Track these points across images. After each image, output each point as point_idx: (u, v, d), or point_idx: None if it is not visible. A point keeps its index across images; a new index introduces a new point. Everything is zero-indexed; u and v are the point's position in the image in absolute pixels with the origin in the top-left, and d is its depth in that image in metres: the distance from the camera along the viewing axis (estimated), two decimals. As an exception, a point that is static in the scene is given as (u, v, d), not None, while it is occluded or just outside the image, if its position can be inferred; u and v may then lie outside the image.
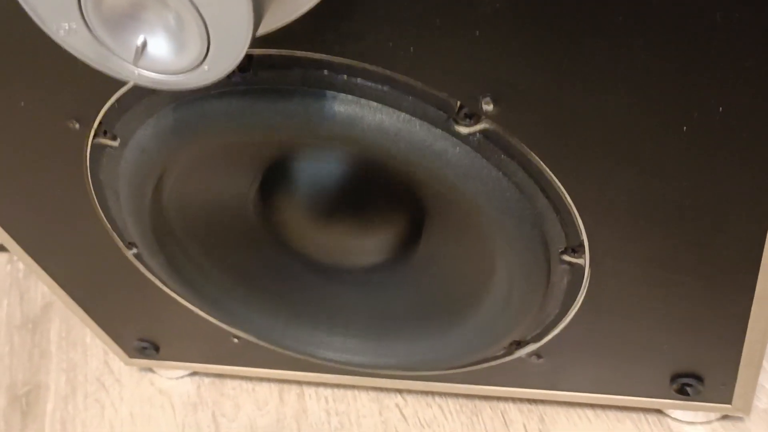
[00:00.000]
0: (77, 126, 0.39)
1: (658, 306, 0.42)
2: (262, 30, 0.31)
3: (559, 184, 0.36)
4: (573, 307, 0.43)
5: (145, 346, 0.57)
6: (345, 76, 0.33)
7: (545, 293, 0.42)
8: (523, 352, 0.48)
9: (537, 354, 0.48)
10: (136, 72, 0.29)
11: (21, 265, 0.76)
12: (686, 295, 0.41)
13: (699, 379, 0.47)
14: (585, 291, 0.42)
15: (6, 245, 0.49)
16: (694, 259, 0.39)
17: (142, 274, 0.49)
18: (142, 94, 0.37)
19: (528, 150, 0.35)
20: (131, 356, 0.59)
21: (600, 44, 0.29)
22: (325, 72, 0.33)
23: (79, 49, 0.29)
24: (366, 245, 0.45)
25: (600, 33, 0.29)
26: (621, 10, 0.28)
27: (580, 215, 0.37)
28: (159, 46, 0.28)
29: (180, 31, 0.28)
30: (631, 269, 0.40)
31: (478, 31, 0.30)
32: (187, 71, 0.29)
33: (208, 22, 0.27)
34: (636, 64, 0.30)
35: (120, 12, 0.27)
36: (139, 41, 0.28)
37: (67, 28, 0.28)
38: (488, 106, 0.33)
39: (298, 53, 0.33)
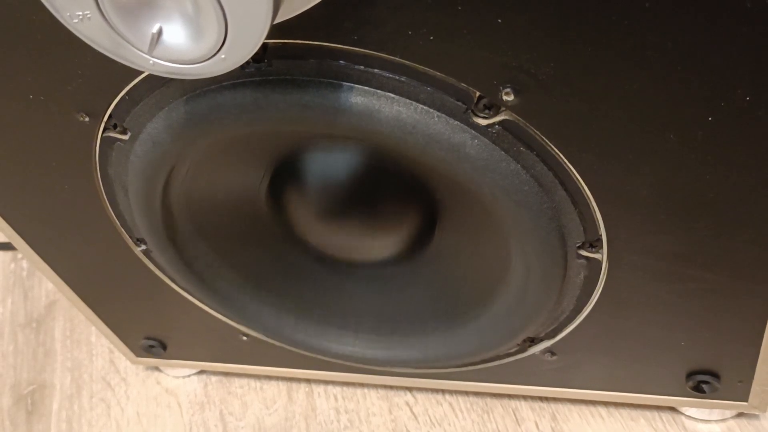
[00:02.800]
0: (87, 119, 0.39)
1: (675, 302, 0.41)
2: (278, 18, 0.31)
3: (578, 176, 0.35)
4: (589, 303, 0.43)
5: (153, 345, 0.56)
6: (362, 67, 0.32)
7: (561, 288, 0.41)
8: (536, 348, 0.48)
9: (551, 351, 0.48)
10: (150, 61, 0.29)
11: (25, 264, 0.75)
12: (705, 290, 0.40)
13: (715, 377, 0.47)
14: (602, 287, 0.41)
15: (12, 242, 0.48)
16: (714, 255, 0.38)
17: (151, 271, 0.49)
18: (153, 86, 0.36)
19: (547, 141, 0.34)
20: (138, 355, 0.59)
21: (624, 33, 0.29)
22: (342, 62, 0.32)
23: (93, 37, 0.28)
24: (379, 240, 0.44)
25: (624, 21, 0.28)
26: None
27: (599, 209, 0.37)
28: (175, 34, 0.28)
29: (197, 18, 0.27)
30: (649, 264, 0.39)
31: (500, 19, 0.29)
32: (203, 60, 0.28)
33: (226, 9, 0.26)
34: (661, 52, 0.29)
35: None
36: (155, 29, 0.28)
37: (81, 15, 0.28)
38: (508, 97, 0.32)
39: (314, 43, 0.32)
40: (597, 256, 0.39)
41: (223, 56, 0.28)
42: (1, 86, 0.37)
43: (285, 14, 0.30)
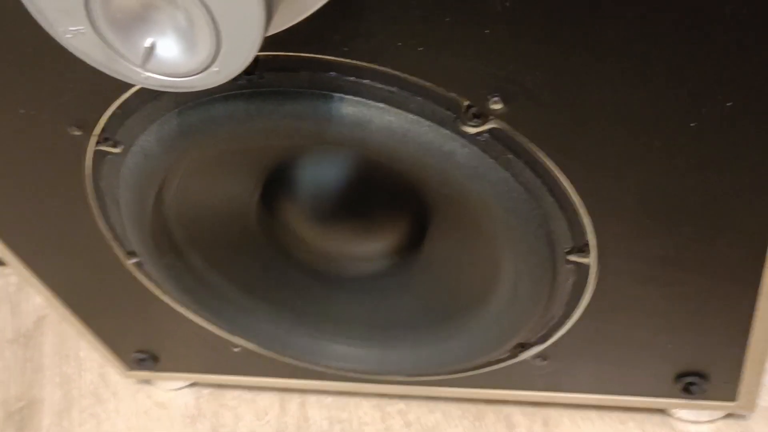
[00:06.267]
0: (79, 133, 0.39)
1: (663, 305, 0.42)
2: (269, 31, 0.31)
3: (566, 183, 0.36)
4: (578, 307, 0.43)
5: (144, 358, 0.56)
6: (353, 78, 0.33)
7: (551, 294, 0.42)
8: (527, 354, 0.48)
9: (542, 356, 0.48)
10: (143, 75, 0.29)
11: (13, 279, 0.75)
12: (692, 293, 0.41)
13: (704, 378, 0.47)
14: (591, 291, 0.42)
15: (1, 256, 0.48)
16: (700, 257, 0.39)
17: (142, 284, 0.49)
18: (145, 99, 0.36)
19: (535, 149, 0.35)
20: (129, 368, 0.59)
21: (608, 42, 0.29)
22: (333, 74, 0.33)
23: (86, 51, 0.29)
24: (369, 250, 0.45)
25: (608, 31, 0.29)
26: (629, 7, 0.28)
27: (586, 214, 0.37)
28: (168, 47, 0.28)
29: (190, 32, 0.27)
30: (636, 268, 0.40)
31: (487, 30, 0.30)
32: (196, 73, 0.29)
33: (218, 22, 0.26)
34: (644, 59, 0.30)
35: (128, 13, 0.27)
36: (148, 43, 0.28)
37: (74, 30, 0.28)
38: (496, 106, 0.33)
39: (305, 55, 0.33)
40: (585, 261, 0.40)
41: (216, 69, 0.28)
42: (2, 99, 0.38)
43: (276, 27, 0.31)
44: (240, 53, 0.27)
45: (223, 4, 0.26)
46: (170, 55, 0.28)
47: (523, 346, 0.47)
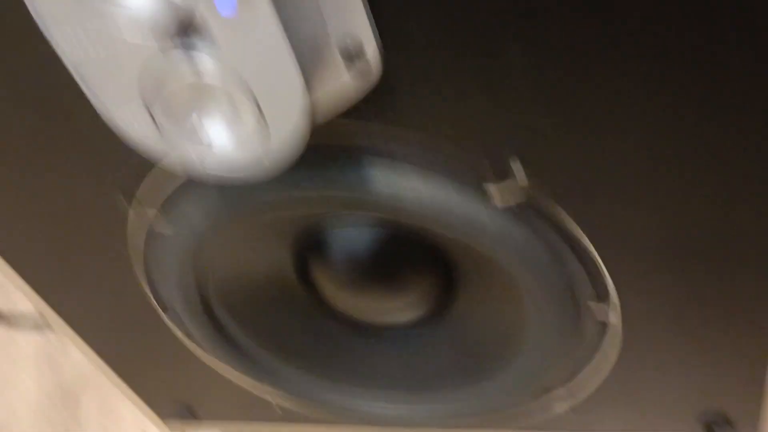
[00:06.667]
0: (123, 200, 0.41)
1: (685, 348, 0.44)
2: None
3: (587, 237, 0.38)
4: (602, 352, 0.45)
5: (182, 411, 0.58)
6: (383, 143, 0.35)
7: (575, 342, 0.43)
8: (552, 397, 0.49)
9: (566, 399, 0.49)
10: (197, 166, 0.31)
11: (52, 337, 0.77)
12: (713, 336, 0.42)
13: (727, 419, 0.48)
14: (614, 337, 0.44)
15: (43, 313, 0.51)
16: (720, 301, 0.40)
17: (180, 340, 0.51)
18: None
19: (555, 206, 0.37)
20: (169, 421, 0.60)
21: (621, 100, 0.31)
22: (363, 140, 0.35)
23: (145, 144, 0.31)
24: (402, 305, 0.47)
25: (620, 90, 0.31)
26: (642, 64, 0.30)
27: (606, 266, 0.39)
28: (221, 143, 0.30)
29: (242, 129, 0.30)
30: (658, 314, 0.42)
31: (506, 97, 0.32)
32: (247, 166, 0.31)
33: (269, 122, 0.29)
34: (657, 114, 0.32)
35: (184, 109, 0.29)
36: (203, 138, 0.30)
37: (134, 124, 0.30)
38: (520, 171, 0.35)
39: (338, 122, 0.35)
40: (607, 309, 0.42)
41: (265, 163, 0.30)
42: (51, 165, 0.40)
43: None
44: (287, 149, 0.30)
45: (274, 105, 0.28)
46: (223, 150, 0.30)
47: (548, 390, 0.49)
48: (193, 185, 0.39)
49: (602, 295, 0.40)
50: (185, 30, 0.26)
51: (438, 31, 0.30)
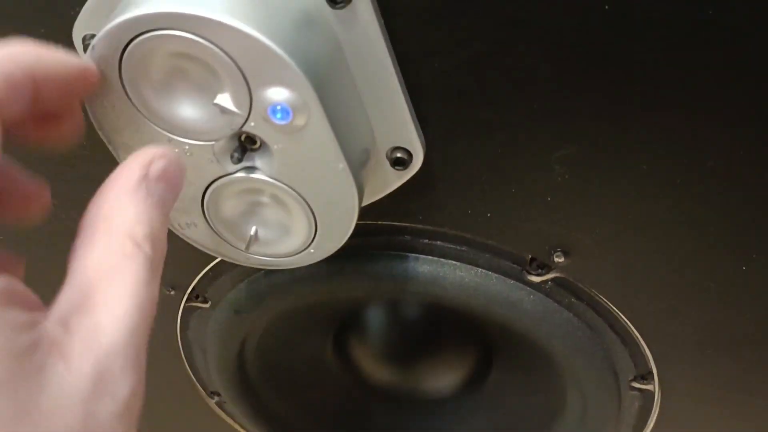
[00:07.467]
0: (172, 292, 0.43)
1: (727, 425, 0.44)
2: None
3: (627, 320, 0.38)
4: (645, 429, 0.45)
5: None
6: (426, 240, 0.36)
7: (617, 418, 0.43)
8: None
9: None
10: (246, 256, 0.33)
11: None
12: (754, 414, 0.42)
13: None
14: (656, 414, 0.44)
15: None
16: (761, 380, 0.40)
17: (224, 421, 0.52)
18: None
19: (596, 293, 0.37)
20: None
21: (657, 198, 0.32)
22: (408, 237, 0.36)
23: (198, 240, 0.33)
24: (440, 379, 0.47)
25: (656, 188, 0.32)
26: (676, 169, 0.31)
27: (647, 346, 0.40)
28: (269, 234, 0.32)
29: (289, 221, 0.31)
30: (699, 392, 0.42)
31: (549, 197, 0.33)
32: (294, 254, 0.32)
33: (316, 214, 0.30)
34: (692, 209, 0.33)
35: (238, 210, 0.31)
36: (252, 231, 0.32)
37: (188, 223, 0.32)
38: (559, 259, 0.36)
39: (384, 223, 0.36)
40: (649, 387, 0.42)
41: (312, 251, 0.32)
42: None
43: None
44: (334, 238, 0.31)
45: (322, 202, 0.29)
46: (271, 241, 0.32)
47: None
48: (239, 271, 0.40)
49: (642, 368, 0.41)
50: (245, 151, 0.27)
51: (481, 138, 0.31)
